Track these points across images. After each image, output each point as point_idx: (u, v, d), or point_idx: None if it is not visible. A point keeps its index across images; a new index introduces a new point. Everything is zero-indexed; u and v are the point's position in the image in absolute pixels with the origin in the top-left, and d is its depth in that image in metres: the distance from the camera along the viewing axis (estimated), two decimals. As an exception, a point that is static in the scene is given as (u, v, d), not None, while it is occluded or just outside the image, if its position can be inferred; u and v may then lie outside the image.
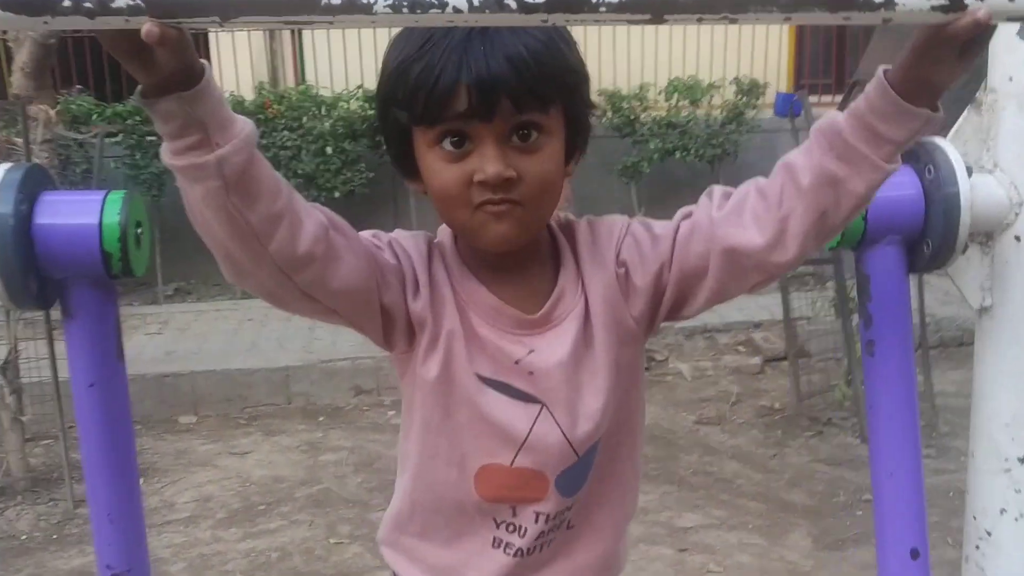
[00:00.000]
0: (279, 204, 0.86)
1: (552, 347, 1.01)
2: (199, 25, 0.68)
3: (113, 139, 5.87)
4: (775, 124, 5.38)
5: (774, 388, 4.63)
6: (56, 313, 1.00)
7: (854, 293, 4.00)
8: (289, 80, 7.42)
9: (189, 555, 3.20)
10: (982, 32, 0.78)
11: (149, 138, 6.01)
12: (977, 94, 1.07)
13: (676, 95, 6.72)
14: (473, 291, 1.01)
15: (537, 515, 1.04)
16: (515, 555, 1.05)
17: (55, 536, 3.34)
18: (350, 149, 6.15)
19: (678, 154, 6.44)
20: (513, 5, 0.63)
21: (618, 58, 7.22)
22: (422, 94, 0.91)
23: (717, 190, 1.01)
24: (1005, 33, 1.03)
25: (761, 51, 7.43)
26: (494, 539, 1.06)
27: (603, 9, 0.63)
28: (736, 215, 0.95)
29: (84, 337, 0.96)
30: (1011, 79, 1.04)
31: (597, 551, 1.10)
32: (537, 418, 1.01)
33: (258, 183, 0.84)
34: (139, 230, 0.93)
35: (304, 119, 6.16)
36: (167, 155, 0.82)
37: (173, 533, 3.37)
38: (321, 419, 4.50)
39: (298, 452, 4.13)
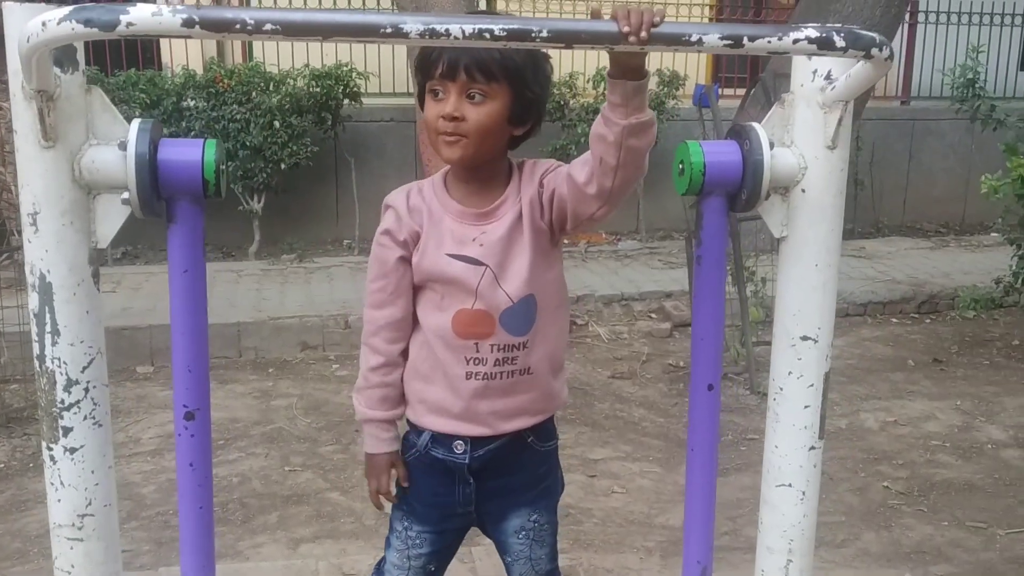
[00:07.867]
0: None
1: (496, 229, 1.57)
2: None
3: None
4: (693, 113, 5.59)
5: (680, 350, 5.10)
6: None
7: (749, 263, 4.49)
8: (237, 58, 7.61)
9: (158, 480, 3.50)
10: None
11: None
12: (783, 94, 1.57)
13: (603, 83, 7.10)
14: (447, 200, 1.60)
15: (492, 347, 1.59)
16: (482, 379, 1.60)
17: (31, 465, 3.63)
18: (296, 124, 6.38)
19: (603, 139, 6.91)
20: (487, 36, 1.11)
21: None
22: (426, 60, 1.53)
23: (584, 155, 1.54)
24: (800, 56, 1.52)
25: (682, 46, 7.85)
26: (466, 373, 1.60)
27: (538, 40, 1.13)
28: (578, 165, 1.49)
29: (183, 236, 1.35)
30: (802, 85, 1.51)
31: (540, 387, 1.65)
32: (483, 275, 1.56)
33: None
34: (223, 166, 1.36)
35: (253, 94, 6.37)
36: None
37: (142, 463, 3.66)
38: (271, 371, 4.79)
39: (251, 398, 4.41)
